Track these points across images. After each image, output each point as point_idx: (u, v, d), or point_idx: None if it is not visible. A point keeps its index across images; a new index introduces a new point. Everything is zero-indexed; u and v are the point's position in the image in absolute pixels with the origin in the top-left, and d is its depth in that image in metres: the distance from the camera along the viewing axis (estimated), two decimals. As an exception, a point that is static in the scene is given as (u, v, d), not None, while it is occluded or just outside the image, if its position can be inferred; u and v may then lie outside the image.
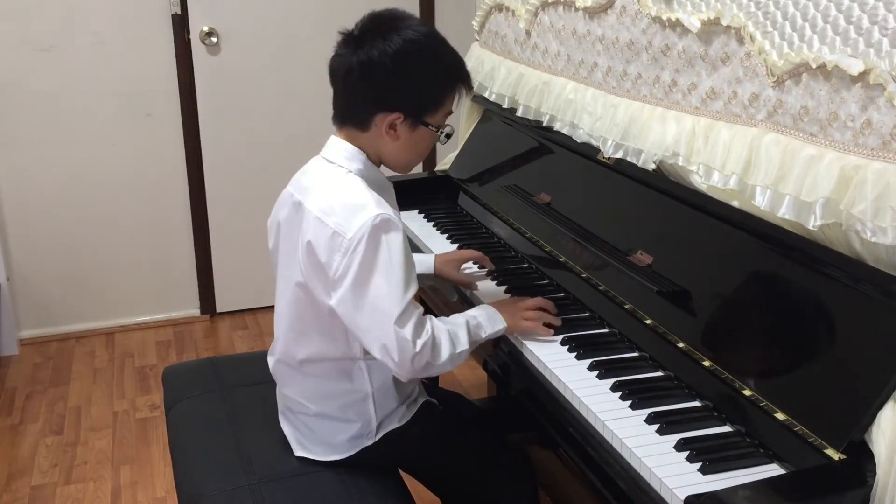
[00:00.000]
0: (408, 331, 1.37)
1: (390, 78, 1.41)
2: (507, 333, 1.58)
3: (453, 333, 1.46)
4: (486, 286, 1.82)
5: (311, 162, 1.52)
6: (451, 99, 1.50)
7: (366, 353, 1.48)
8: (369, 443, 1.55)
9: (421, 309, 1.43)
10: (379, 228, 1.37)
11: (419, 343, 1.38)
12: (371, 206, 1.38)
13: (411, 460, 1.64)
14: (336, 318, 1.44)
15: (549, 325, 1.58)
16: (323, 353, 1.50)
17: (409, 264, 1.41)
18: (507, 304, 1.61)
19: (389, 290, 1.37)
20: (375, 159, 1.50)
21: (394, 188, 1.59)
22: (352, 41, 1.43)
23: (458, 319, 1.50)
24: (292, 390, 1.58)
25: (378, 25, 1.43)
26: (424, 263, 1.83)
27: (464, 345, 1.46)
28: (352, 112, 1.47)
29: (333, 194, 1.42)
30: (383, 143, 1.47)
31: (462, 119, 2.58)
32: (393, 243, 1.38)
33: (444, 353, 1.43)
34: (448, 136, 1.51)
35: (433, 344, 1.41)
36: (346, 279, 1.37)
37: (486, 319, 1.54)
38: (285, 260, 1.51)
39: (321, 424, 1.55)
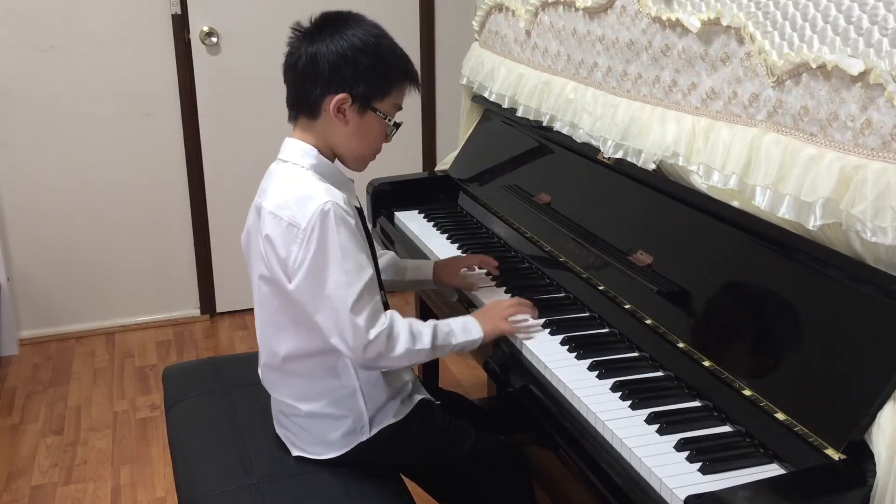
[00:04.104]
0: (362, 318, 1.41)
1: (338, 63, 1.45)
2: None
3: (416, 331, 1.48)
4: (487, 287, 1.81)
5: (270, 166, 1.56)
6: (400, 91, 1.53)
7: None
8: (364, 438, 1.55)
9: (378, 299, 1.46)
10: (328, 216, 1.40)
11: (373, 332, 1.42)
12: (320, 194, 1.42)
13: (409, 458, 1.63)
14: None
15: (527, 308, 1.63)
16: (303, 347, 1.51)
17: (360, 251, 1.44)
18: (486, 310, 1.62)
19: (342, 278, 1.41)
20: (328, 152, 1.52)
21: (390, 188, 1.60)
22: (305, 36, 1.50)
23: (430, 322, 1.53)
24: (282, 393, 1.58)
25: (331, 22, 1.49)
26: (423, 271, 1.83)
27: (425, 344, 1.48)
28: (302, 99, 1.50)
29: (286, 189, 1.46)
30: (334, 129, 1.50)
31: (462, 119, 2.58)
32: (343, 230, 1.41)
33: (400, 346, 1.45)
34: (397, 126, 1.54)
35: (389, 335, 1.44)
36: (303, 267, 1.41)
37: (461, 328, 1.55)
38: (254, 263, 1.53)
39: (313, 424, 1.55)
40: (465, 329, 1.55)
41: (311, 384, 1.53)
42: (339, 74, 1.45)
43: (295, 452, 1.59)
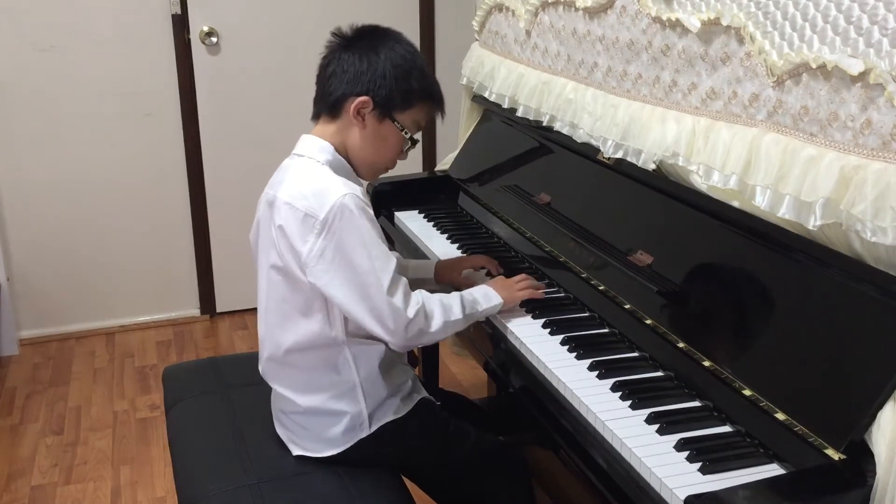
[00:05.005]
0: (398, 299, 1.44)
1: (367, 67, 1.50)
2: (506, 331, 1.60)
3: (446, 304, 1.53)
4: (487, 286, 1.81)
5: (284, 161, 1.58)
6: (422, 109, 1.57)
7: (349, 336, 1.51)
8: (364, 435, 1.55)
9: (406, 280, 1.49)
10: (349, 206, 1.42)
11: (411, 310, 1.46)
12: (338, 187, 1.45)
13: (408, 457, 1.63)
14: (314, 299, 1.48)
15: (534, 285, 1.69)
16: (307, 338, 1.51)
17: (381, 238, 1.47)
18: (500, 281, 1.68)
19: (374, 264, 1.43)
20: (344, 153, 1.55)
21: (390, 188, 1.63)
22: (342, 40, 1.54)
23: (454, 294, 1.57)
24: (282, 384, 1.58)
25: (370, 32, 1.54)
26: (425, 270, 1.84)
27: (457, 314, 1.53)
28: (326, 97, 1.54)
29: (302, 182, 1.48)
30: (351, 131, 1.53)
31: (462, 119, 2.58)
32: (365, 219, 1.44)
33: (437, 320, 1.50)
34: (414, 142, 1.57)
35: (425, 311, 1.48)
36: (328, 258, 1.43)
37: (482, 295, 1.60)
38: (263, 253, 1.55)
39: (313, 421, 1.56)
40: (486, 296, 1.61)
41: (311, 377, 1.54)
42: (365, 77, 1.50)
43: (295, 451, 1.59)
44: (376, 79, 1.50)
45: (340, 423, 1.54)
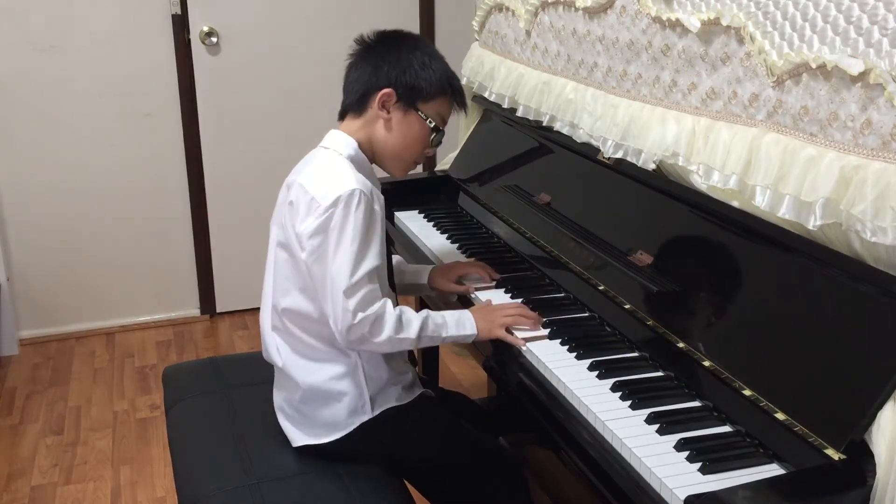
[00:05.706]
0: (352, 302, 1.44)
1: (388, 63, 1.56)
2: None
3: (406, 320, 1.51)
4: (486, 287, 1.81)
5: (311, 151, 1.62)
6: (444, 101, 1.61)
7: None
8: (366, 418, 1.56)
9: (377, 287, 1.48)
10: (351, 202, 1.45)
11: (359, 316, 1.45)
12: (350, 181, 1.47)
13: (409, 450, 1.63)
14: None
15: (529, 319, 1.60)
16: (308, 312, 1.53)
17: (370, 241, 1.48)
18: (485, 310, 1.62)
19: (345, 263, 1.45)
20: (368, 150, 1.59)
21: (390, 188, 1.66)
22: (364, 45, 1.60)
23: (423, 312, 1.55)
24: (283, 356, 1.58)
25: (391, 36, 1.61)
26: (420, 275, 1.85)
27: (410, 334, 1.51)
28: (351, 92, 1.59)
29: (321, 170, 1.53)
30: (377, 125, 1.58)
31: (462, 119, 2.58)
32: (362, 217, 1.46)
33: (384, 333, 1.48)
34: (438, 131, 1.60)
35: (375, 321, 1.47)
36: (316, 242, 1.46)
37: (454, 322, 1.57)
38: (275, 230, 1.59)
39: (314, 405, 1.57)
40: (458, 323, 1.57)
41: (314, 346, 1.55)
42: (389, 71, 1.55)
43: (298, 442, 1.59)
44: (398, 72, 1.55)
45: (341, 403, 1.55)
